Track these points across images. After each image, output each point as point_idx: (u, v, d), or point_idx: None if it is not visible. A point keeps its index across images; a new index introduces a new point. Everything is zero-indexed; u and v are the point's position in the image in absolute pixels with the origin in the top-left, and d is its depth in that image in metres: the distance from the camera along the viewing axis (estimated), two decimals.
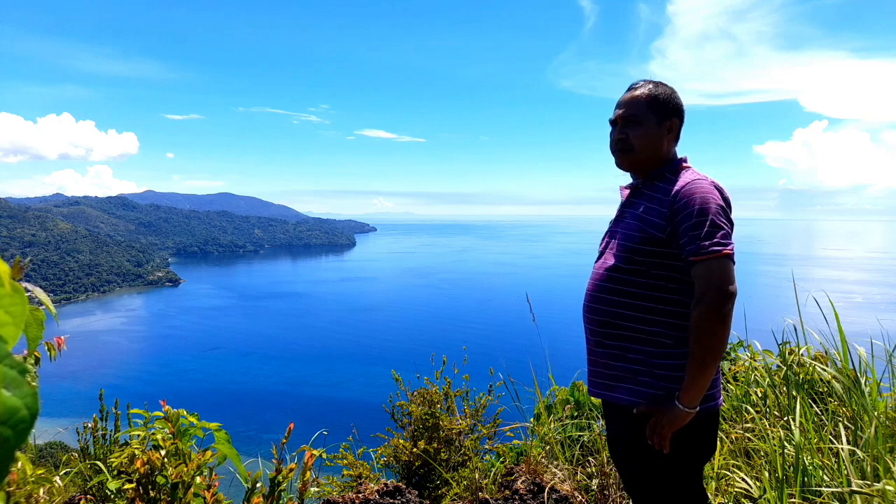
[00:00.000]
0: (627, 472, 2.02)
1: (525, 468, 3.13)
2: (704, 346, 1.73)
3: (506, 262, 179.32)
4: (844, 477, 2.30)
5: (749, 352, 3.78)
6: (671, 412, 1.79)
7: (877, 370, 2.89)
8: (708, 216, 1.78)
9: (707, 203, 1.80)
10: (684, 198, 1.83)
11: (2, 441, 0.44)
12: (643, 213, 1.92)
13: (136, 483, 2.01)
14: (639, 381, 1.89)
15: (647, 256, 1.88)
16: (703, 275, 1.75)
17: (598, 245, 2.18)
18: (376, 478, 3.05)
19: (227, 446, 2.01)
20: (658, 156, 1.99)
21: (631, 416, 1.90)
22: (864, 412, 2.61)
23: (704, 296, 1.74)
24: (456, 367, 3.30)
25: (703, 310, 1.73)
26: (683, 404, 1.77)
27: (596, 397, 2.10)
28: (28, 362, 0.61)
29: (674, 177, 1.93)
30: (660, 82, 2.02)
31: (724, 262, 1.76)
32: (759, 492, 2.46)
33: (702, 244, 1.76)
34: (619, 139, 1.99)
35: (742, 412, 3.06)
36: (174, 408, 2.15)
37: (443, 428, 3.08)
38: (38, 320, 0.81)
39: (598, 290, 1.99)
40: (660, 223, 1.86)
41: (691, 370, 1.76)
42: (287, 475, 2.23)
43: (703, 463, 1.97)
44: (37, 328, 0.81)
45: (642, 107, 1.96)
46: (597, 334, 1.99)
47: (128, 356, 74.25)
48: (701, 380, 1.76)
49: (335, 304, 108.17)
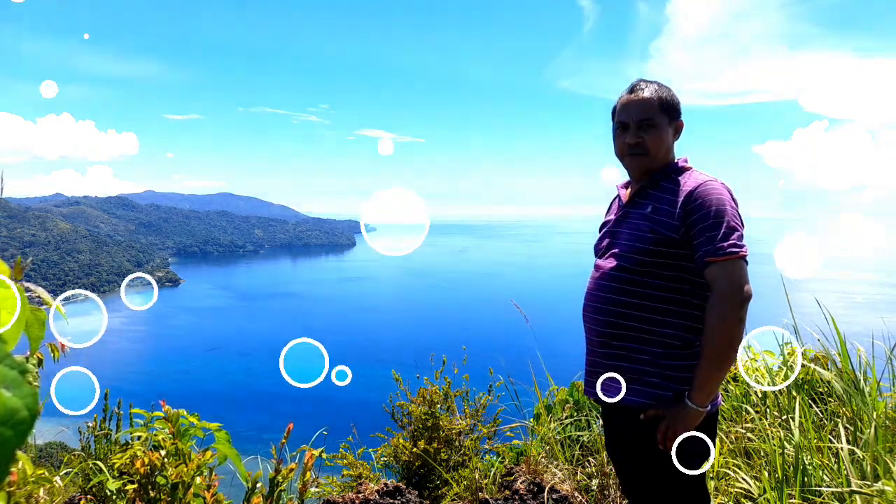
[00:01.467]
0: (628, 472, 2.02)
1: (525, 468, 3.13)
2: (721, 347, 1.74)
3: (506, 262, 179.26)
4: (844, 477, 2.30)
5: (749, 352, 3.78)
6: (684, 413, 1.78)
7: (877, 370, 2.89)
8: (724, 217, 1.78)
9: (723, 204, 1.80)
10: (700, 198, 1.82)
11: (2, 441, 0.45)
12: (653, 214, 1.90)
13: (137, 484, 2.01)
14: (646, 382, 1.87)
15: (657, 257, 1.87)
16: (721, 276, 1.76)
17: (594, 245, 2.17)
18: (376, 478, 3.05)
19: (228, 446, 2.01)
20: (668, 157, 1.99)
21: (637, 416, 1.89)
22: (863, 412, 2.62)
23: (723, 297, 1.74)
24: (456, 367, 3.30)
25: (722, 311, 1.74)
26: (697, 404, 1.77)
27: (594, 399, 2.09)
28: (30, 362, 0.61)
29: (679, 177, 1.93)
30: (660, 83, 2.00)
31: (741, 263, 1.77)
32: (759, 491, 2.46)
33: (719, 245, 1.76)
34: (635, 143, 1.95)
35: (742, 412, 3.06)
36: (174, 408, 2.15)
37: (443, 428, 3.09)
38: (39, 320, 0.81)
39: (603, 290, 1.97)
40: (673, 223, 1.85)
41: (706, 370, 1.76)
42: (287, 475, 2.24)
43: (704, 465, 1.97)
44: (38, 328, 0.81)
45: (655, 109, 1.94)
46: (601, 335, 1.97)
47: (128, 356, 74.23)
48: (715, 380, 1.76)
49: (335, 304, 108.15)
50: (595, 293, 2.00)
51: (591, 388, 2.04)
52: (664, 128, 1.96)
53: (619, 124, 2.01)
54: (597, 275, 2.03)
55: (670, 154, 2.00)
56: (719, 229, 1.77)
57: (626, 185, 2.12)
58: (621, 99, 2.03)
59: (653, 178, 1.97)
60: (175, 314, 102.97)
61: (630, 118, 1.96)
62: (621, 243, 1.96)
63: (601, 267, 2.02)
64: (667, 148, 1.98)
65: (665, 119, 1.96)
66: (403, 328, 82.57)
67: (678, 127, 2.01)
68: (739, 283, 1.75)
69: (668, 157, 2.00)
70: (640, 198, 1.98)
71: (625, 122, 1.98)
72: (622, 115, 2.00)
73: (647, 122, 1.94)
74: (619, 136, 2.02)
